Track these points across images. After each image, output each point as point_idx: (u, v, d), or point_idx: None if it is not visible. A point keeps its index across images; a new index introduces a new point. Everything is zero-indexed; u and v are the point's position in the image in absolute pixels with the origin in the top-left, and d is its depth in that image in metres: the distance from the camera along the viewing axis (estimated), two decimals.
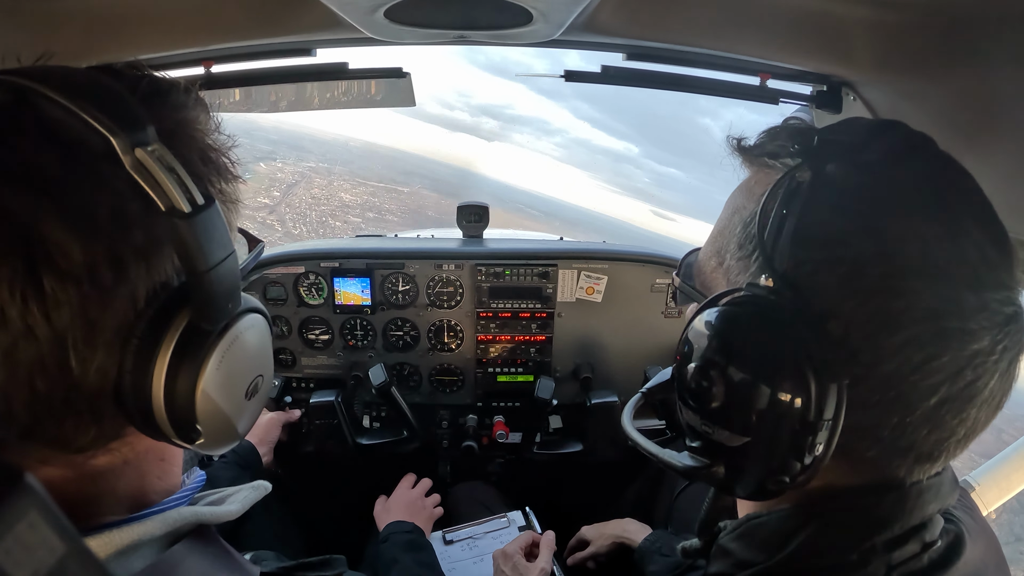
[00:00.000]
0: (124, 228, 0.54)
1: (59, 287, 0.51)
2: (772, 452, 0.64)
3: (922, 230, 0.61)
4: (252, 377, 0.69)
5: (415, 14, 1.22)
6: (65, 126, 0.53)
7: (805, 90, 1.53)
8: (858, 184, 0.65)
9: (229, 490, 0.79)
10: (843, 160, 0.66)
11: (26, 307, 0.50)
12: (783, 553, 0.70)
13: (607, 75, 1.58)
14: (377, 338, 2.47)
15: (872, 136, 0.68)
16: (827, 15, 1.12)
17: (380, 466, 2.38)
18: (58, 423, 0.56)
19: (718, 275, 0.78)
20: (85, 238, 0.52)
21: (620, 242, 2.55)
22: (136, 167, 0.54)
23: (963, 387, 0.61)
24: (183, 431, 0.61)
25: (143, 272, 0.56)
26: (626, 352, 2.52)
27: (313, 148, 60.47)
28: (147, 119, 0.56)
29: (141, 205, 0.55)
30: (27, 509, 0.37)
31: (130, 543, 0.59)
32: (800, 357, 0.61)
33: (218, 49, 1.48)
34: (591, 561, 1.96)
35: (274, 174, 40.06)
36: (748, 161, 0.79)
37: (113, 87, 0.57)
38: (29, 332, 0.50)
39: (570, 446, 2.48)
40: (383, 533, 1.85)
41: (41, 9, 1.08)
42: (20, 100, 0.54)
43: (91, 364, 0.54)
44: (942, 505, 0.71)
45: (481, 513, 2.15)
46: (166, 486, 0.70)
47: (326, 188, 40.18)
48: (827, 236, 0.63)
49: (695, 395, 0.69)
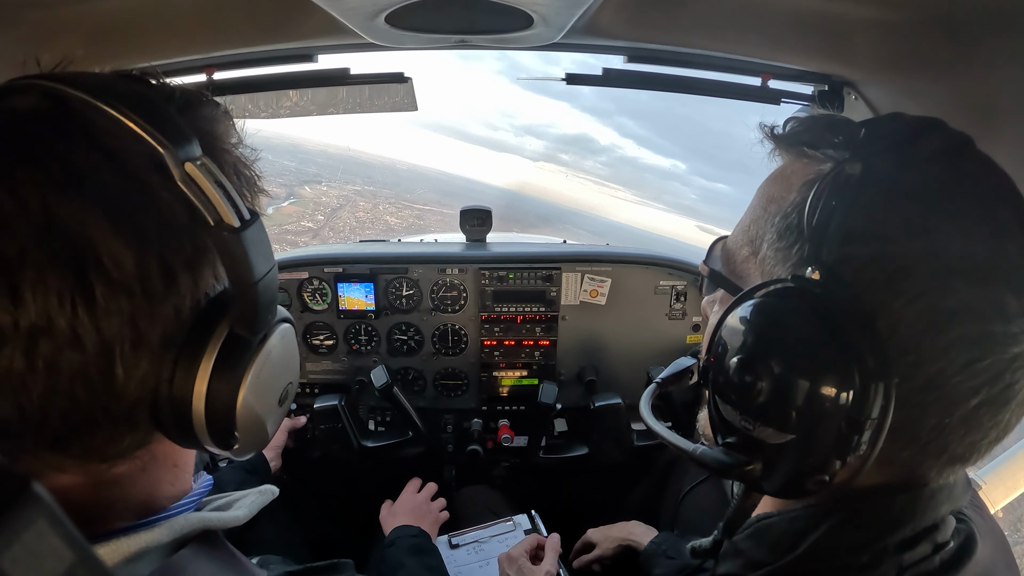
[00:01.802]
0: (174, 239, 0.55)
1: (110, 296, 0.51)
2: (816, 450, 0.63)
3: (970, 231, 0.60)
4: (285, 384, 0.70)
5: (416, 19, 1.22)
6: (112, 135, 0.53)
7: (806, 90, 1.53)
8: (909, 181, 0.63)
9: (236, 495, 0.79)
10: (893, 156, 0.65)
11: (75, 316, 0.50)
12: (794, 554, 0.70)
13: (608, 78, 1.58)
14: (381, 343, 2.47)
15: (917, 133, 0.67)
16: (828, 15, 1.12)
17: (385, 470, 2.38)
18: (93, 433, 0.55)
19: (751, 264, 0.76)
20: (137, 248, 0.52)
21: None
22: (185, 180, 0.54)
23: (1002, 390, 0.61)
24: (221, 438, 0.61)
25: (190, 283, 0.57)
26: (630, 354, 2.52)
27: (359, 171, 60.54)
28: (191, 132, 0.56)
29: (188, 217, 0.55)
30: (35, 517, 0.37)
31: (138, 550, 0.59)
32: (851, 353, 0.60)
33: (220, 56, 1.48)
34: (597, 564, 1.95)
35: (319, 198, 40.06)
36: (784, 149, 0.77)
37: (154, 98, 0.57)
38: (77, 341, 0.50)
39: (575, 449, 2.47)
40: (389, 537, 1.85)
41: (43, 18, 1.09)
42: (60, 106, 0.53)
43: (136, 373, 0.54)
44: (954, 506, 0.71)
45: (486, 517, 2.15)
46: (177, 491, 0.70)
47: (371, 211, 40.11)
48: (877, 232, 0.62)
49: (737, 389, 0.67)
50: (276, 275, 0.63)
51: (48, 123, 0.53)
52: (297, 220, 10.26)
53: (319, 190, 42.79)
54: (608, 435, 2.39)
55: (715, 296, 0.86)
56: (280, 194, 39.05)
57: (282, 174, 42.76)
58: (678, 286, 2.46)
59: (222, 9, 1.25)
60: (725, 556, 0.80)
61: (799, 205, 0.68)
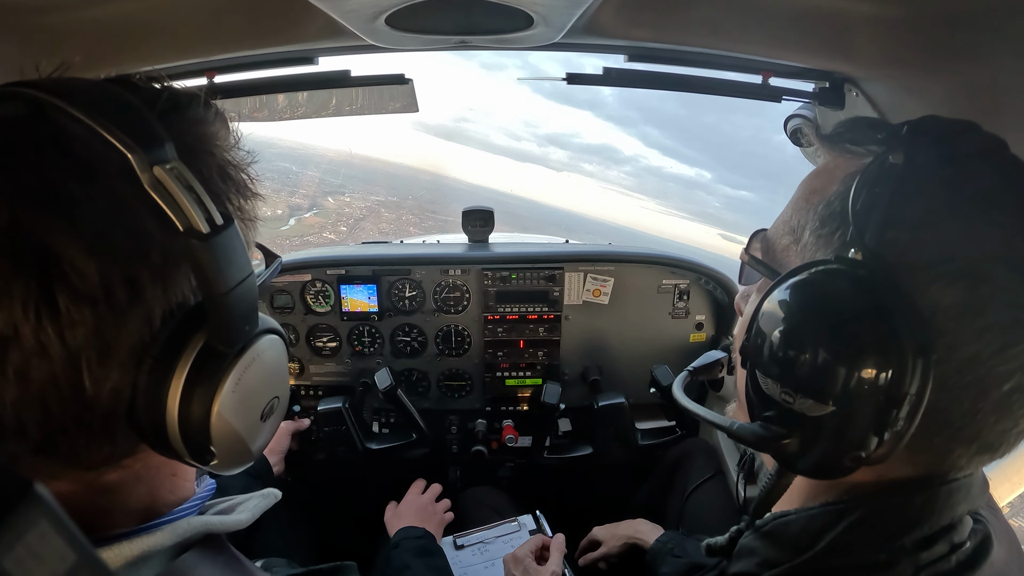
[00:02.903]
0: (141, 248, 0.54)
1: (74, 307, 0.50)
2: (853, 424, 0.63)
3: (1005, 221, 0.62)
4: (268, 399, 0.67)
5: (416, 20, 1.22)
6: (82, 142, 0.52)
7: (807, 87, 1.53)
8: (949, 173, 0.65)
9: (239, 498, 0.79)
10: (935, 150, 0.67)
11: (40, 326, 0.49)
12: (811, 552, 0.70)
13: (609, 77, 1.58)
14: (385, 344, 2.47)
15: (958, 132, 0.69)
16: (828, 11, 1.12)
17: (390, 472, 2.38)
18: (70, 441, 0.55)
19: (791, 252, 0.77)
20: (101, 258, 0.51)
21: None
22: (154, 185, 0.53)
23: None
24: (197, 452, 0.60)
25: (160, 293, 0.55)
26: (634, 353, 2.52)
27: (383, 182, 60.51)
28: (165, 135, 0.55)
29: (159, 224, 0.54)
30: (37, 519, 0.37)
31: (140, 554, 0.59)
32: (893, 329, 0.61)
33: (221, 59, 1.49)
34: (602, 562, 1.95)
35: (342, 209, 39.92)
36: (828, 147, 0.79)
37: (131, 101, 0.56)
38: (42, 351, 0.50)
39: (580, 449, 2.47)
40: (394, 539, 1.85)
41: (43, 23, 1.09)
42: (37, 114, 0.53)
43: (105, 384, 0.53)
44: (971, 506, 0.71)
45: (491, 517, 2.15)
46: (177, 498, 0.70)
47: (395, 222, 40.00)
48: (918, 218, 0.64)
49: (779, 361, 0.67)
50: (253, 283, 0.61)
51: (23, 131, 0.53)
52: (319, 231, 10.22)
53: (342, 201, 42.74)
54: (612, 434, 2.39)
55: (750, 288, 0.88)
56: (303, 205, 38.76)
57: (305, 185, 42.63)
58: (681, 285, 2.45)
59: (222, 13, 1.26)
60: (740, 554, 0.80)
61: (842, 194, 0.70)
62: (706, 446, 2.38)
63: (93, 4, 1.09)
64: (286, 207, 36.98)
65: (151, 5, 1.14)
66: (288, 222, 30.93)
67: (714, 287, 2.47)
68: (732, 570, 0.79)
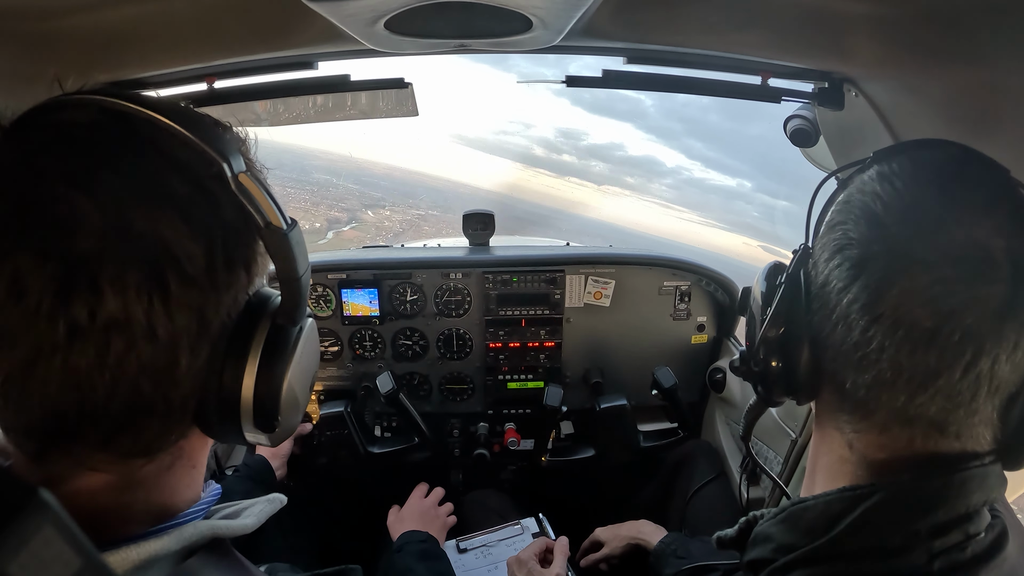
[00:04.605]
0: (234, 239, 0.62)
1: (183, 289, 0.57)
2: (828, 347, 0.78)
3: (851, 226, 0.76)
4: (314, 372, 0.77)
5: (415, 24, 1.22)
6: (174, 148, 0.59)
7: (806, 88, 1.53)
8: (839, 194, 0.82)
9: (244, 503, 0.79)
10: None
11: (152, 308, 0.55)
12: (827, 536, 0.72)
13: (608, 79, 1.58)
14: (386, 348, 2.47)
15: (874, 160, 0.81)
16: (827, 11, 1.12)
17: (392, 476, 2.38)
18: (147, 426, 0.60)
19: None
20: (205, 244, 0.59)
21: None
22: (241, 189, 0.61)
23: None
24: (265, 422, 0.67)
25: (245, 278, 0.64)
26: (635, 355, 2.52)
27: (424, 195, 60.53)
28: (238, 148, 0.64)
29: (242, 220, 0.62)
30: (42, 524, 0.37)
31: (146, 559, 0.59)
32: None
33: (220, 65, 1.49)
34: (605, 563, 1.95)
35: (382, 222, 39.66)
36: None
37: (205, 117, 0.65)
38: (151, 332, 0.55)
39: (582, 452, 2.47)
40: (397, 543, 1.85)
41: (42, 29, 1.09)
42: (123, 121, 0.59)
43: (197, 362, 0.60)
44: (987, 497, 0.72)
45: (494, 521, 2.14)
46: (190, 496, 0.71)
47: (435, 236, 40.17)
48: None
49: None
50: (309, 272, 0.70)
51: (113, 135, 0.59)
52: (357, 245, 10.22)
53: (382, 215, 42.57)
54: (615, 437, 2.39)
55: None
56: (341, 219, 38.67)
57: (345, 198, 42.63)
58: (682, 286, 2.45)
59: (222, 18, 1.26)
60: (755, 541, 0.82)
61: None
62: (708, 448, 2.38)
63: (93, 10, 1.09)
64: (324, 220, 37.12)
65: (151, 11, 1.14)
66: (326, 235, 30.97)
67: (715, 288, 2.47)
68: (747, 557, 0.81)
